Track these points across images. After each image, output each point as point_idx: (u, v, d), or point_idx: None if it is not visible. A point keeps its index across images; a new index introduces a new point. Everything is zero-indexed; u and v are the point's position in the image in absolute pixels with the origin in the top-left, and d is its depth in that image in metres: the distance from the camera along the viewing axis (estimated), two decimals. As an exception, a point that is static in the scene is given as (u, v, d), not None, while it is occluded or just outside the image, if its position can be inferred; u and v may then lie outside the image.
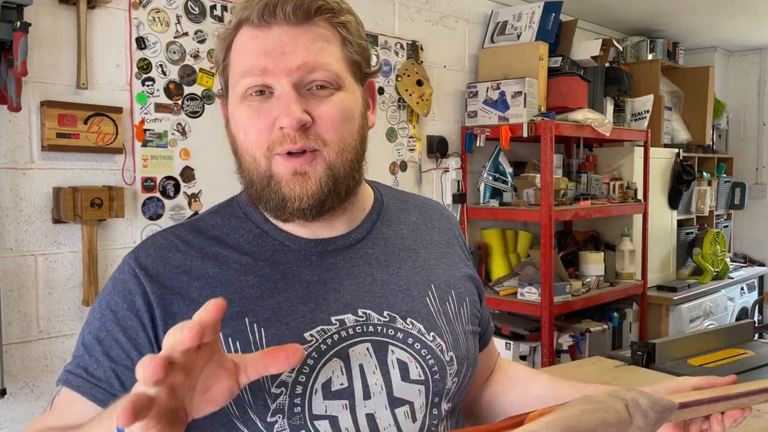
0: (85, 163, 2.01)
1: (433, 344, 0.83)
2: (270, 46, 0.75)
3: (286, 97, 0.74)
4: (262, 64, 0.74)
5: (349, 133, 0.79)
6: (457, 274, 0.92)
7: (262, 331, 0.76)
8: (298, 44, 0.75)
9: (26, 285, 1.92)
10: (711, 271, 4.03)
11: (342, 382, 0.77)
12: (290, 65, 0.74)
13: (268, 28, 0.75)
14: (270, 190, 0.77)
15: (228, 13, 2.34)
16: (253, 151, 0.77)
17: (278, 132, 0.75)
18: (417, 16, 3.03)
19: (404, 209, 0.94)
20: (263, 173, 0.77)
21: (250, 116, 0.76)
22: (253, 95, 0.76)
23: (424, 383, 0.81)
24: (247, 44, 0.76)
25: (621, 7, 3.82)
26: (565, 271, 3.14)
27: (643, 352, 1.88)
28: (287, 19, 0.74)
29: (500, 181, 3.22)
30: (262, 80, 0.75)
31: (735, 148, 5.06)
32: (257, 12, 0.74)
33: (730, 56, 5.14)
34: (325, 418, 0.75)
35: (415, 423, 0.80)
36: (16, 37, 1.71)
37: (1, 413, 1.88)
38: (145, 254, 0.81)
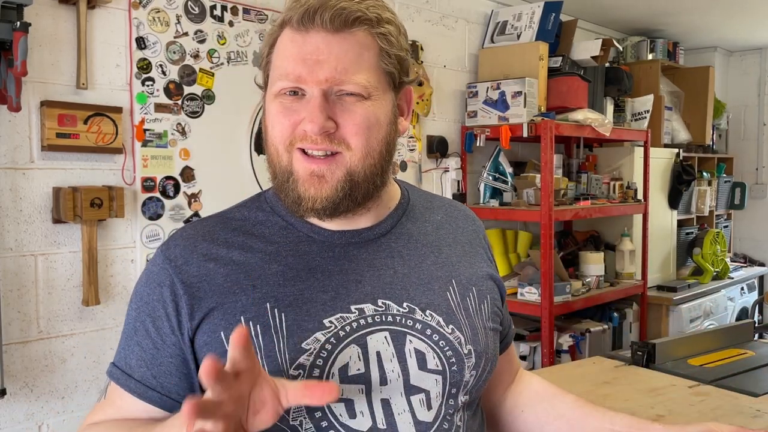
0: (85, 163, 2.01)
1: (451, 336, 0.84)
2: (306, 52, 0.77)
3: (314, 102, 0.77)
4: (298, 71, 0.78)
5: (375, 140, 0.81)
6: (479, 273, 0.94)
7: (282, 316, 0.79)
8: (331, 53, 0.77)
9: (26, 285, 1.92)
10: (711, 271, 4.03)
11: (359, 367, 0.79)
12: (321, 76, 0.77)
13: (307, 33, 0.77)
14: (288, 186, 0.81)
15: (228, 12, 2.34)
16: (276, 144, 0.81)
17: (301, 130, 0.79)
18: (417, 16, 3.03)
19: (430, 208, 0.97)
20: (285, 167, 0.81)
21: (279, 112, 0.80)
22: (287, 95, 0.80)
23: (442, 373, 0.82)
24: (287, 47, 0.79)
25: (621, 7, 3.82)
26: (565, 271, 3.13)
27: (643, 352, 1.88)
28: (324, 26, 0.77)
29: (500, 181, 3.22)
30: (296, 85, 0.79)
31: (735, 148, 5.06)
32: (297, 16, 0.77)
33: (730, 56, 5.14)
34: (340, 401, 0.78)
35: (430, 411, 0.81)
36: (16, 37, 1.71)
37: (1, 413, 1.88)
38: (174, 244, 0.86)
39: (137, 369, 0.82)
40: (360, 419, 0.78)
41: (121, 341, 0.86)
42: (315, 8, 0.76)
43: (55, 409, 1.98)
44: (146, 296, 0.84)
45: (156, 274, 0.84)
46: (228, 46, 2.34)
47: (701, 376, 1.74)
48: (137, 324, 0.84)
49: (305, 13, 0.76)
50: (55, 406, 1.98)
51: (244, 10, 2.39)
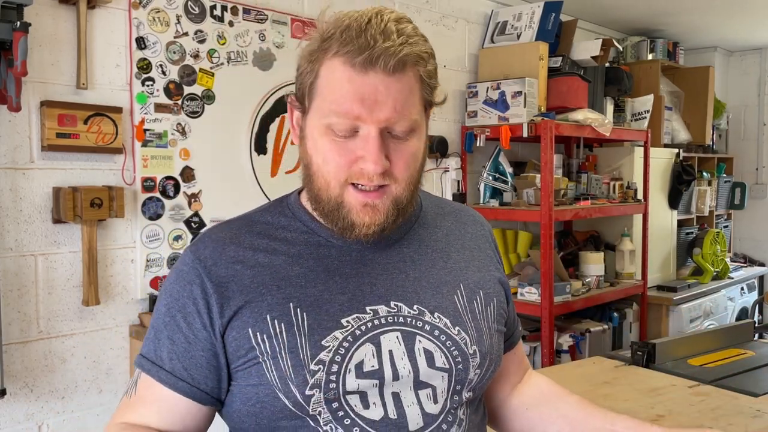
0: (85, 163, 2.01)
1: (457, 337, 0.90)
2: (366, 92, 0.80)
3: (374, 144, 0.82)
4: (357, 111, 0.81)
5: (416, 170, 0.88)
6: (487, 276, 1.00)
7: (304, 315, 0.85)
8: (389, 95, 0.81)
9: (26, 285, 1.92)
10: (711, 271, 4.03)
11: (373, 364, 0.85)
12: (381, 116, 0.81)
13: (365, 74, 0.80)
14: (339, 214, 0.86)
15: (228, 12, 2.34)
16: (328, 178, 0.85)
17: (357, 168, 0.83)
18: (417, 16, 3.03)
19: (440, 214, 1.02)
20: (334, 198, 0.86)
21: (332, 149, 0.84)
22: (339, 131, 0.83)
23: (448, 371, 0.88)
24: (343, 84, 0.81)
25: (621, 7, 3.82)
26: (565, 271, 3.13)
27: (643, 352, 1.88)
28: (384, 69, 0.80)
29: (500, 181, 3.22)
30: (353, 124, 0.82)
31: (735, 148, 5.06)
32: (362, 60, 0.79)
33: (730, 56, 5.14)
34: (356, 394, 0.84)
35: (437, 405, 0.87)
36: (16, 37, 1.71)
37: (1, 413, 1.88)
38: (203, 246, 0.90)
39: (168, 361, 0.87)
40: (373, 410, 0.84)
41: (149, 335, 0.90)
42: (378, 54, 0.79)
43: (55, 409, 1.98)
44: (176, 293, 0.88)
45: (186, 273, 0.89)
46: (228, 46, 2.34)
47: (701, 376, 1.74)
48: (167, 319, 0.88)
49: (368, 57, 0.79)
50: (55, 406, 1.98)
51: (244, 10, 2.39)
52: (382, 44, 0.79)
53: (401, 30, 0.81)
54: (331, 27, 0.82)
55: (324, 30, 0.83)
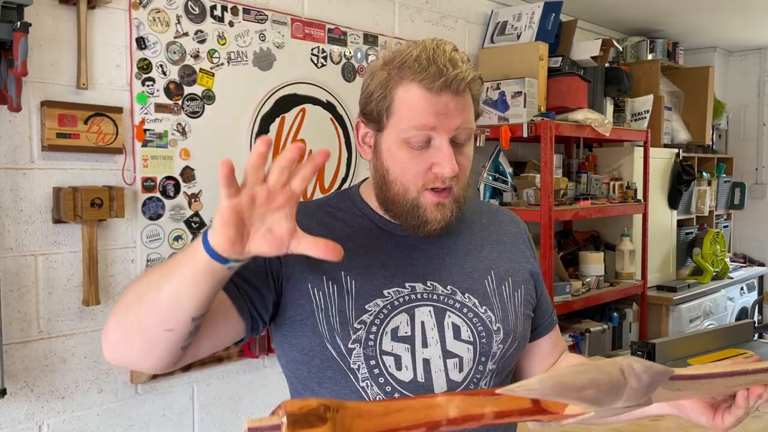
0: (85, 163, 2.01)
1: (483, 315, 1.04)
2: (439, 109, 0.96)
3: (448, 151, 0.97)
4: (433, 123, 0.96)
5: (468, 173, 1.04)
6: (517, 267, 1.13)
7: (353, 282, 1.00)
8: (457, 109, 0.97)
9: (26, 285, 1.92)
10: (711, 271, 4.03)
11: (407, 331, 0.99)
12: (451, 126, 0.97)
13: (438, 95, 0.96)
14: (415, 214, 1.01)
15: (228, 12, 2.34)
16: (407, 185, 1.00)
17: (432, 174, 0.98)
18: (417, 16, 3.03)
19: (477, 212, 1.17)
20: (411, 202, 1.00)
21: (410, 159, 0.99)
22: (416, 143, 0.98)
23: (473, 344, 1.01)
24: (420, 103, 0.97)
25: (621, 7, 3.82)
26: (565, 271, 3.14)
27: (643, 352, 1.88)
28: (455, 91, 0.97)
29: (500, 181, 3.22)
30: (428, 135, 0.97)
31: (735, 148, 5.06)
32: (437, 85, 0.95)
33: (730, 56, 5.14)
34: (391, 355, 0.97)
35: (461, 373, 1.00)
36: (16, 37, 1.71)
37: (1, 413, 1.88)
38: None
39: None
40: (404, 372, 0.98)
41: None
42: (451, 79, 0.95)
43: (56, 409, 1.98)
44: None
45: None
46: (228, 47, 2.34)
47: (701, 376, 1.74)
48: None
49: (444, 83, 0.95)
50: (55, 406, 1.98)
51: (244, 10, 2.39)
52: (452, 71, 0.96)
53: (462, 58, 0.99)
54: (399, 56, 0.99)
55: (389, 59, 1.00)
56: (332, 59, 2.67)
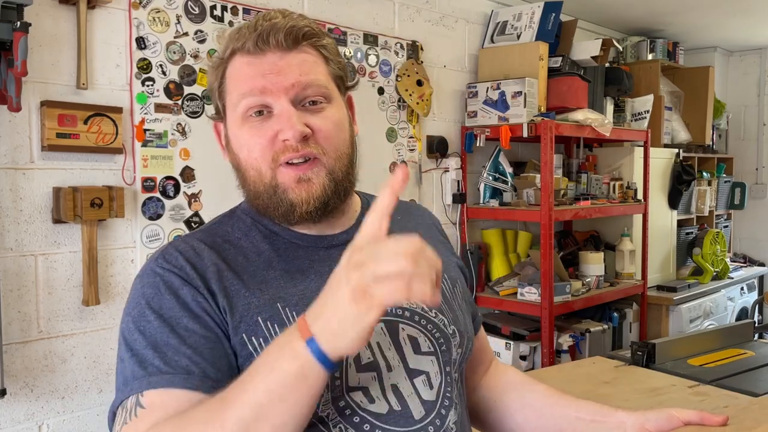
0: (85, 163, 2.01)
1: (436, 320, 0.91)
2: (266, 68, 0.84)
3: (287, 112, 0.83)
4: (261, 84, 0.83)
5: (342, 142, 0.88)
6: (446, 261, 0.99)
7: (294, 313, 0.83)
8: (291, 65, 0.84)
9: (26, 285, 1.92)
10: (711, 271, 4.02)
11: (368, 356, 0.84)
12: (286, 84, 0.84)
13: (263, 55, 0.84)
14: (277, 198, 0.86)
15: (228, 12, 2.34)
16: (258, 165, 0.85)
17: (281, 144, 0.84)
18: (417, 16, 3.03)
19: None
20: (269, 184, 0.85)
21: (253, 135, 0.85)
22: (254, 116, 0.85)
23: (434, 354, 0.88)
24: (244, 69, 0.85)
25: (621, 7, 3.82)
26: (565, 271, 3.14)
27: (643, 352, 1.88)
28: (279, 45, 0.84)
29: (500, 181, 3.22)
30: (262, 100, 0.84)
31: (735, 148, 5.06)
32: (252, 41, 0.84)
33: (730, 56, 5.14)
34: (358, 390, 0.83)
35: (433, 390, 0.87)
36: (16, 37, 1.71)
37: (1, 413, 1.88)
38: (174, 251, 0.86)
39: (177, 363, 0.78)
40: (378, 403, 0.83)
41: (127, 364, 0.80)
42: (268, 31, 0.83)
43: (56, 409, 1.98)
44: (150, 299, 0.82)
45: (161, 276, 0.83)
46: (228, 46, 2.34)
47: (701, 376, 1.75)
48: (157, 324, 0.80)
49: (259, 36, 0.83)
50: (55, 406, 1.98)
51: (244, 10, 2.39)
52: (268, 24, 0.84)
53: (286, 14, 0.87)
54: (229, 35, 0.88)
55: (224, 41, 0.88)
56: (332, 59, 2.67)
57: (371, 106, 2.83)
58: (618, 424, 0.94)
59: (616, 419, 0.95)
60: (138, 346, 0.79)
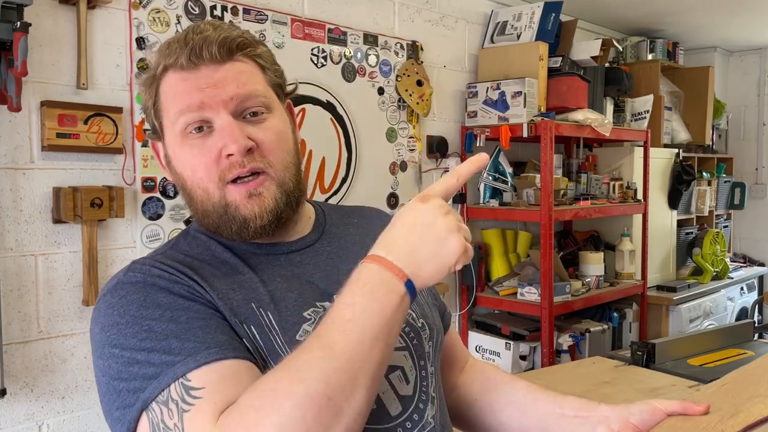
0: (85, 163, 2.02)
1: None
2: (202, 83, 0.82)
3: (229, 126, 0.81)
4: (198, 99, 0.81)
5: (287, 152, 0.87)
6: None
7: (268, 313, 0.81)
8: (227, 78, 0.82)
9: (26, 285, 1.92)
10: (711, 271, 4.03)
11: None
12: (224, 96, 0.81)
13: (197, 70, 0.82)
14: (229, 216, 0.84)
15: (228, 12, 2.34)
16: (204, 185, 0.83)
17: (225, 161, 0.82)
18: (417, 16, 3.03)
19: (344, 214, 1.05)
20: (218, 203, 0.84)
21: (195, 154, 0.83)
22: (193, 132, 0.83)
23: (407, 349, 0.88)
24: (178, 85, 0.83)
25: (621, 7, 3.82)
26: (565, 271, 3.14)
27: (643, 352, 1.88)
28: (213, 58, 0.82)
29: (500, 181, 3.22)
30: (200, 115, 0.82)
31: (735, 148, 5.06)
32: (185, 56, 0.81)
33: (730, 56, 5.14)
34: None
35: (409, 384, 0.87)
36: (16, 37, 1.71)
37: (1, 413, 1.88)
38: (143, 268, 0.82)
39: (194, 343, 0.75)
40: None
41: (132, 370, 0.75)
42: (200, 44, 0.81)
43: (56, 409, 1.98)
44: (141, 296, 0.78)
45: (143, 279, 0.79)
46: (228, 46, 2.34)
47: (701, 376, 1.75)
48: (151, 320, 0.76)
49: (192, 51, 0.81)
50: (55, 406, 1.98)
51: (244, 10, 2.39)
52: (200, 38, 0.82)
53: (217, 25, 0.84)
54: (159, 50, 0.85)
55: (153, 60, 0.86)
56: (332, 59, 2.67)
57: (371, 106, 2.84)
58: (602, 419, 0.93)
59: (600, 414, 0.94)
60: (152, 342, 0.73)
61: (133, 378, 0.73)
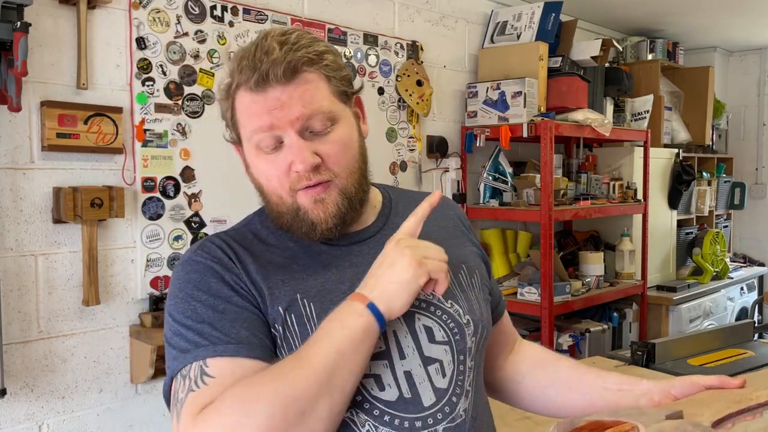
0: (85, 163, 2.02)
1: (451, 310, 0.97)
2: (270, 105, 0.88)
3: (296, 145, 0.89)
4: (268, 122, 0.89)
5: (352, 159, 0.94)
6: (466, 251, 1.07)
7: (311, 305, 0.91)
8: (293, 98, 0.88)
9: (26, 285, 1.92)
10: (711, 271, 4.03)
11: (380, 345, 0.90)
12: (291, 117, 0.88)
13: (265, 92, 0.88)
14: (299, 219, 0.93)
15: (228, 13, 2.34)
16: (278, 193, 0.93)
17: (294, 174, 0.91)
18: (417, 16, 3.03)
19: (411, 202, 1.08)
20: (291, 207, 0.93)
21: (269, 166, 0.92)
22: (266, 148, 0.91)
23: (448, 343, 0.94)
24: (250, 106, 0.90)
25: (621, 7, 3.82)
26: (565, 271, 3.14)
27: (643, 352, 1.88)
28: (279, 80, 0.88)
29: (500, 181, 3.22)
30: (271, 135, 0.90)
31: (735, 148, 5.06)
32: (254, 80, 0.88)
33: (730, 56, 5.14)
34: (370, 377, 0.89)
35: (445, 378, 0.93)
36: (16, 37, 1.71)
37: (1, 413, 1.88)
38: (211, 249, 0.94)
39: (225, 334, 0.87)
40: (388, 391, 0.89)
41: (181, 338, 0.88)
42: (266, 70, 0.87)
43: (56, 409, 1.98)
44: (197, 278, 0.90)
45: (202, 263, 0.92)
46: (228, 47, 2.34)
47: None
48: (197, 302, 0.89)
49: (259, 77, 0.87)
50: (55, 406, 1.98)
51: (244, 10, 2.39)
52: (267, 60, 0.87)
53: (283, 41, 0.89)
54: (233, 63, 0.92)
55: (229, 68, 0.93)
56: (332, 59, 2.67)
57: (371, 106, 2.83)
58: (644, 392, 1.00)
59: (642, 387, 1.01)
60: (192, 322, 0.87)
61: (173, 347, 0.88)
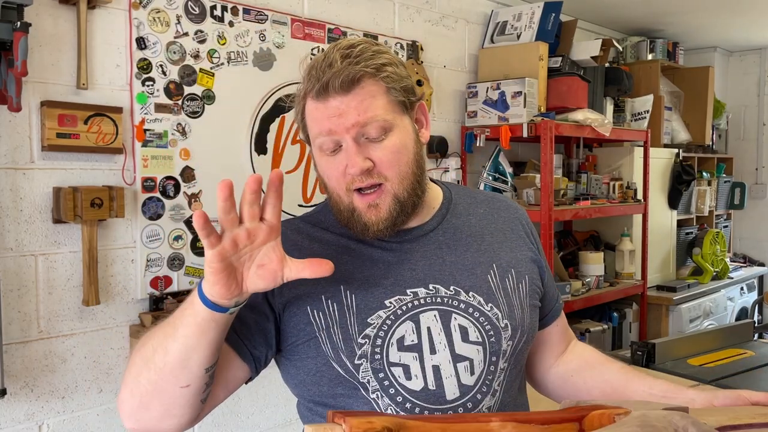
0: (85, 163, 2.02)
1: (490, 313, 1.02)
2: (330, 112, 0.96)
3: (351, 150, 0.97)
4: (327, 127, 0.97)
5: (405, 164, 1.00)
6: (519, 256, 1.11)
7: (353, 296, 0.99)
8: (350, 107, 0.96)
9: (26, 285, 1.92)
10: (711, 271, 4.03)
11: (413, 339, 0.98)
12: (347, 124, 0.96)
13: (326, 100, 0.96)
14: (354, 219, 1.01)
15: (228, 12, 2.34)
16: (337, 192, 1.01)
17: (349, 176, 0.98)
18: (417, 16, 3.03)
19: (473, 203, 1.15)
20: (348, 206, 1.01)
21: (328, 167, 1.00)
22: (328, 150, 0.99)
23: (482, 344, 1.00)
24: (314, 113, 0.99)
25: (621, 7, 3.82)
26: (565, 271, 3.14)
27: (643, 352, 1.89)
28: (337, 90, 0.95)
29: (500, 181, 3.22)
30: (331, 139, 0.98)
31: (735, 148, 5.06)
32: (316, 91, 0.96)
33: (730, 56, 5.14)
34: (399, 366, 0.97)
35: (473, 376, 0.99)
36: (16, 37, 1.71)
37: (1, 413, 1.88)
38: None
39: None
40: (414, 381, 0.97)
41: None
42: (327, 81, 0.95)
43: (56, 409, 1.98)
44: None
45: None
46: (228, 47, 2.34)
47: (701, 376, 1.75)
48: None
49: (321, 87, 0.95)
50: (55, 406, 1.98)
51: (244, 10, 2.39)
52: (328, 74, 0.95)
53: (347, 54, 0.97)
54: (304, 71, 1.01)
55: (301, 75, 1.01)
56: (332, 59, 2.67)
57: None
58: (688, 401, 0.99)
59: (686, 396, 1.02)
60: None
61: None
